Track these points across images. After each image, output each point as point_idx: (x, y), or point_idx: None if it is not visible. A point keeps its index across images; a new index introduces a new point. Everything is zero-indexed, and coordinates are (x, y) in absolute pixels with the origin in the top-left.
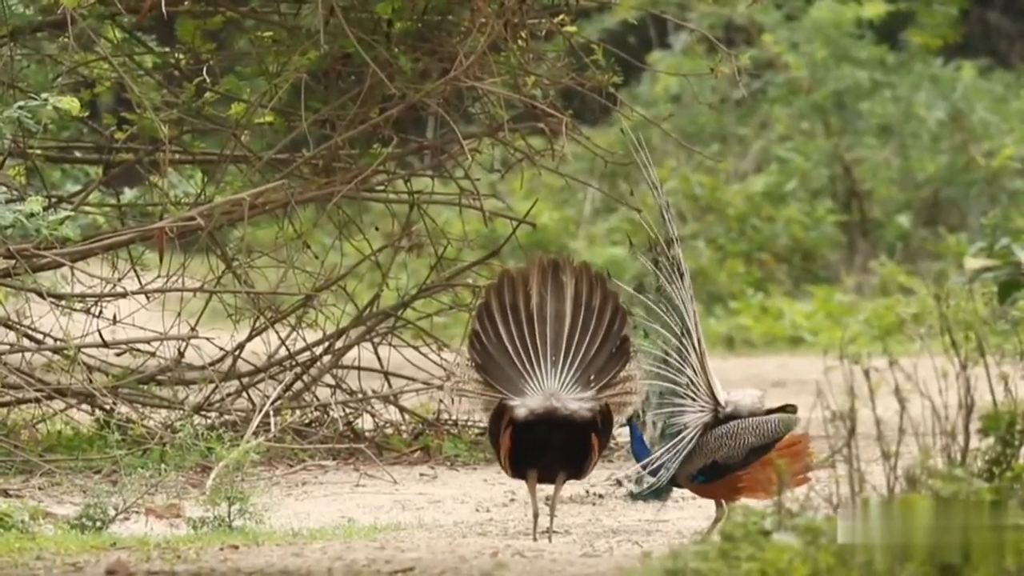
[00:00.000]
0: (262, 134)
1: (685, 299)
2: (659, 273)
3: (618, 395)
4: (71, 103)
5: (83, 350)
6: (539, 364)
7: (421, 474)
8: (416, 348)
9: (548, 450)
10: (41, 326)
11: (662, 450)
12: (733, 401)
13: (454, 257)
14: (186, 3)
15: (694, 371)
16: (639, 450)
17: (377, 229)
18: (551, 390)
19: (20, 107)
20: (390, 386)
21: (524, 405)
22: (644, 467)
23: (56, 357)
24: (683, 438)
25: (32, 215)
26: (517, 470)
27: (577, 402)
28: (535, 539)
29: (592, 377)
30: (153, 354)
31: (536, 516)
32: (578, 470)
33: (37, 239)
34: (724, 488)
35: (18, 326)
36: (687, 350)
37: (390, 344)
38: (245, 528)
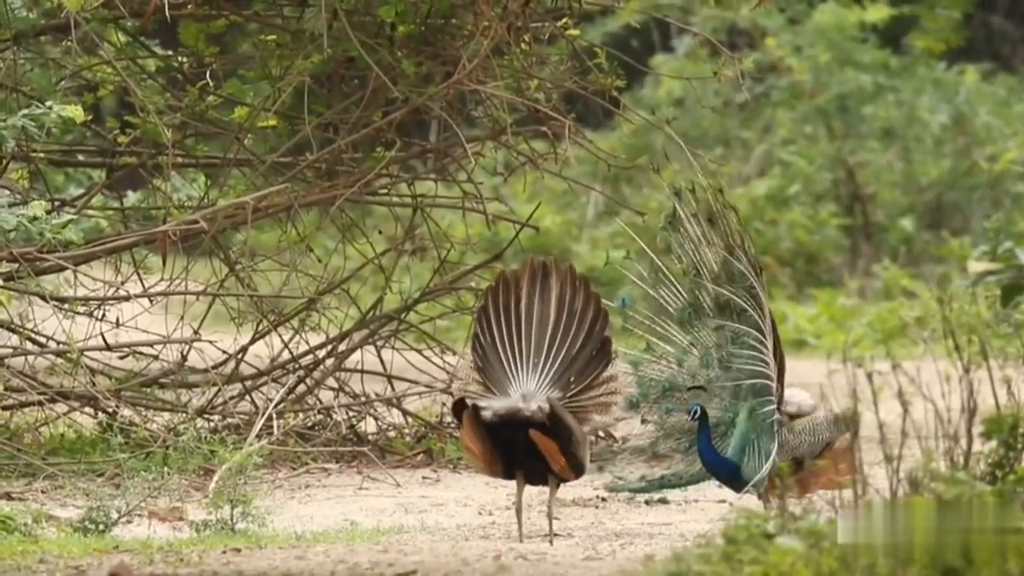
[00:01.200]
0: (265, 138)
1: (764, 300)
2: (750, 273)
3: (601, 396)
4: (75, 111)
5: (86, 353)
6: (522, 365)
7: (424, 477)
8: (419, 351)
9: (515, 450)
10: (44, 329)
11: (768, 462)
12: (796, 401)
13: (457, 260)
14: (189, 7)
15: (771, 371)
16: (706, 450)
17: (380, 232)
18: (528, 391)
19: (24, 115)
20: (393, 389)
21: (490, 407)
22: (754, 485)
23: (59, 360)
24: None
25: (35, 219)
26: (506, 472)
27: (537, 403)
28: (520, 540)
29: (572, 379)
30: (156, 357)
31: (519, 514)
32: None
33: (40, 243)
34: (799, 483)
35: (21, 329)
36: (768, 350)
37: (393, 347)
38: (248, 531)
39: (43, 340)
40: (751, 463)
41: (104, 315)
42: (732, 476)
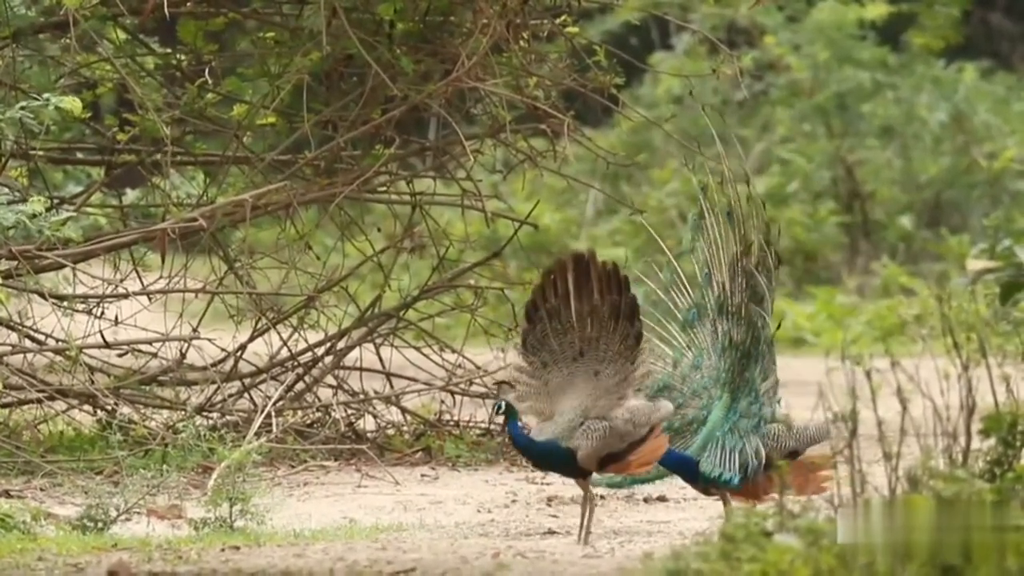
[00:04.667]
0: (264, 135)
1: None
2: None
3: None
4: (73, 104)
5: (85, 351)
6: None
7: (423, 475)
8: (418, 349)
9: None
10: (43, 327)
11: (737, 461)
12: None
13: (456, 258)
14: (188, 4)
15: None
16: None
17: (379, 230)
18: None
19: (22, 108)
20: (392, 387)
21: None
22: (723, 483)
23: (58, 358)
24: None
25: (34, 216)
26: None
27: None
28: (584, 542)
29: None
30: (155, 355)
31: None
32: None
33: (39, 240)
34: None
35: (20, 327)
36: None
37: (392, 345)
38: (247, 529)
39: (42, 338)
40: (711, 459)
41: (103, 313)
42: (691, 472)
